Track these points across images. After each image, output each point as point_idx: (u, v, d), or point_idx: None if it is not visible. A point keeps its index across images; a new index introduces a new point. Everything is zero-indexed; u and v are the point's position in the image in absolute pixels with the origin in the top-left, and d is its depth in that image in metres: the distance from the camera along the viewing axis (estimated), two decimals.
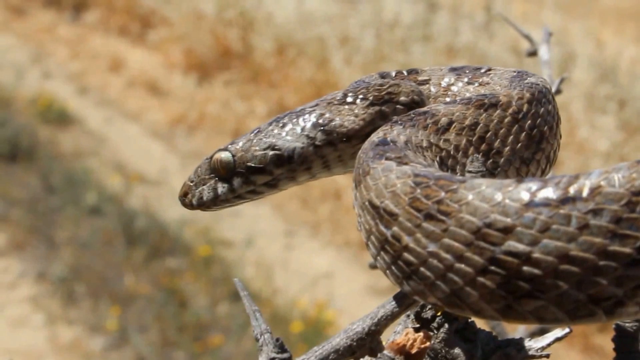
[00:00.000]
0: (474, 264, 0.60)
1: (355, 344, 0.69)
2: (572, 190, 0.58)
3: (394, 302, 0.70)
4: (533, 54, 1.32)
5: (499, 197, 0.59)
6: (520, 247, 0.59)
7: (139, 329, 3.98)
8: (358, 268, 4.55)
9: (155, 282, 4.35)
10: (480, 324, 0.76)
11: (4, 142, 5.72)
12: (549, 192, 0.58)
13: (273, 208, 5.31)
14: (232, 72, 6.58)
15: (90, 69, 7.38)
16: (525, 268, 0.59)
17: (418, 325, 0.73)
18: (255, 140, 0.82)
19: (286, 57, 6.34)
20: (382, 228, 0.65)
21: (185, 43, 6.99)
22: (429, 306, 0.73)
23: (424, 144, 0.73)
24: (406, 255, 0.63)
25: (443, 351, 0.73)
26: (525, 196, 0.59)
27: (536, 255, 0.58)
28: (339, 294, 4.34)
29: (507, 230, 0.59)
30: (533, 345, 0.75)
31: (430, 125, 0.74)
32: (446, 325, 0.73)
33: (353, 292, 4.38)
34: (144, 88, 6.93)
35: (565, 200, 0.58)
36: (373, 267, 1.08)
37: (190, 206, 0.87)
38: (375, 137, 0.73)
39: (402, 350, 0.66)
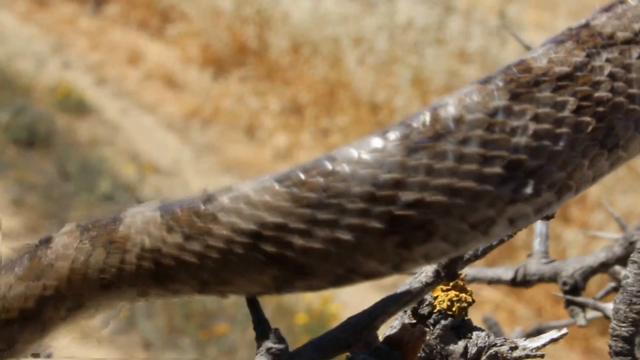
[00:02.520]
0: (378, 221, 0.59)
1: (351, 337, 0.69)
2: (438, 126, 0.59)
3: (391, 299, 0.71)
4: None
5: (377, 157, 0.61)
6: (413, 196, 0.58)
7: (146, 315, 4.07)
8: None
9: None
10: (477, 322, 0.77)
11: (22, 128, 5.85)
12: (421, 140, 0.59)
13: None
14: (248, 69, 6.67)
15: (109, 60, 7.50)
16: (418, 214, 0.59)
17: (414, 321, 0.74)
18: None
19: (301, 56, 6.42)
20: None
21: (203, 38, 7.09)
22: (426, 303, 0.75)
23: None
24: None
25: (438, 347, 0.74)
26: (409, 143, 0.60)
27: (428, 200, 0.58)
28: (344, 288, 4.41)
29: (397, 184, 0.58)
30: (528, 345, 0.74)
31: None
32: (442, 322, 0.74)
33: (357, 287, 4.41)
34: (161, 81, 7.04)
35: (436, 136, 0.59)
36: None
37: None
38: None
39: (397, 344, 0.67)
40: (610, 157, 0.62)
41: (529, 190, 0.60)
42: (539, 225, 1.13)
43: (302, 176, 0.56)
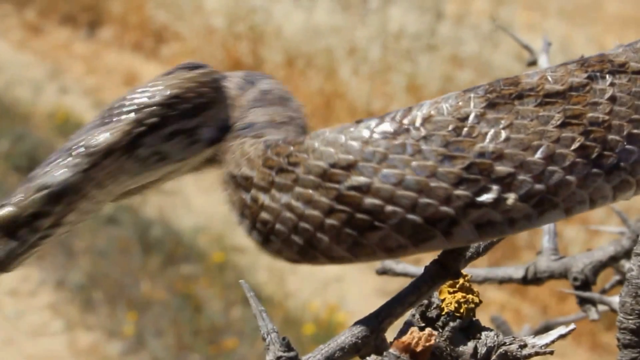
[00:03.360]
0: (322, 206, 0.63)
1: (360, 341, 0.69)
2: (406, 121, 0.63)
3: (398, 301, 0.71)
4: (533, 63, 1.32)
5: (342, 139, 0.64)
6: (362, 179, 0.63)
7: (155, 334, 4.07)
8: (368, 271, 4.62)
9: (170, 288, 4.45)
10: (484, 323, 0.77)
11: (22, 155, 5.87)
12: (386, 126, 0.63)
13: None
14: None
15: (105, 83, 7.54)
16: (366, 200, 0.63)
17: (423, 324, 0.73)
18: (29, 186, 0.80)
19: (295, 69, 6.45)
20: (241, 194, 0.69)
21: (197, 57, 7.12)
22: (434, 306, 0.75)
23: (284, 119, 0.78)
24: (263, 214, 0.67)
25: (448, 349, 0.73)
26: (366, 133, 0.64)
27: (376, 185, 0.62)
28: (350, 296, 4.41)
29: (350, 167, 0.63)
30: (537, 342, 0.74)
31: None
32: (451, 324, 0.73)
33: (363, 295, 4.45)
34: None
35: (400, 131, 0.63)
36: (380, 273, 1.15)
37: None
38: (238, 124, 0.76)
39: (407, 348, 0.66)
40: (610, 179, 0.62)
41: (492, 195, 0.61)
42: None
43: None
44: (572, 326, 0.80)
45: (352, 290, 4.50)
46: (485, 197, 0.61)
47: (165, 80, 0.84)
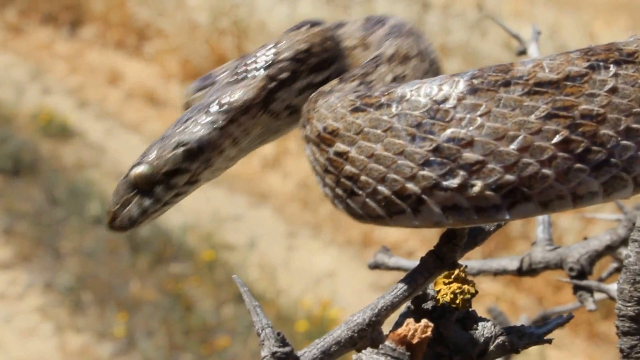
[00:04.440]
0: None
1: (356, 335, 0.69)
2: (384, 98, 0.64)
3: (394, 293, 0.70)
4: (523, 52, 1.32)
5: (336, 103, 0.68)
6: (342, 147, 0.66)
7: (146, 334, 4.04)
8: (360, 266, 4.60)
9: (160, 288, 4.41)
10: (481, 314, 0.77)
11: (7, 157, 5.80)
12: (371, 100, 0.65)
13: (274, 210, 5.37)
14: None
15: (88, 83, 7.46)
16: (347, 167, 0.66)
17: (419, 316, 0.73)
18: (165, 144, 0.82)
19: None
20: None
21: (181, 53, 7.07)
22: (429, 297, 0.75)
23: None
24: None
25: (445, 341, 0.73)
26: (355, 103, 0.66)
27: (352, 154, 0.65)
28: (343, 292, 4.40)
29: (334, 134, 0.67)
30: (535, 332, 0.75)
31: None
32: (447, 315, 0.74)
33: (356, 290, 4.43)
34: (143, 99, 7.01)
35: (378, 105, 0.65)
36: (373, 267, 1.13)
37: (122, 229, 0.85)
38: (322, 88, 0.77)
39: (403, 340, 0.66)
40: (598, 175, 0.60)
41: (457, 180, 0.61)
42: None
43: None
44: (569, 315, 0.78)
45: (345, 285, 4.48)
46: (451, 182, 0.61)
47: (292, 36, 0.86)
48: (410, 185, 0.63)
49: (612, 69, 0.62)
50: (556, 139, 0.60)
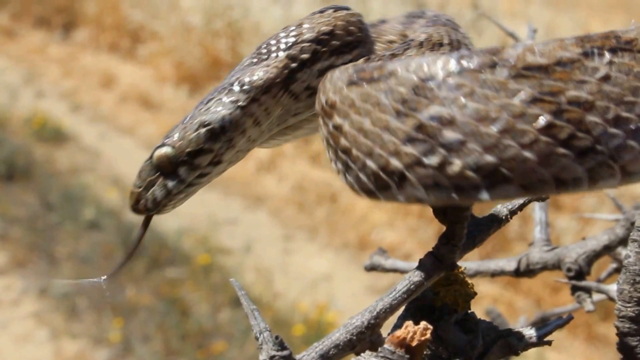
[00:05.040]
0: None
1: (355, 338, 0.68)
2: (375, 73, 0.65)
3: (392, 295, 0.70)
4: None
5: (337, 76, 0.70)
6: (338, 120, 0.68)
7: (142, 340, 4.01)
8: (357, 269, 4.59)
9: (156, 293, 4.39)
10: (480, 314, 0.76)
11: (0, 162, 5.77)
12: (364, 74, 0.66)
13: (270, 214, 5.36)
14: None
15: (82, 86, 7.43)
16: (342, 140, 0.68)
17: (418, 318, 0.72)
18: (187, 126, 0.83)
19: None
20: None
21: (175, 56, 7.05)
22: (429, 298, 0.74)
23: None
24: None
25: (444, 342, 0.73)
26: (352, 76, 0.67)
27: (345, 128, 0.67)
28: (339, 295, 4.38)
29: (333, 107, 0.68)
30: (534, 333, 0.75)
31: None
32: (446, 317, 0.73)
33: (353, 293, 4.42)
34: (136, 102, 6.99)
35: (370, 79, 0.65)
36: (369, 269, 1.12)
37: (146, 211, 0.86)
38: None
39: (402, 343, 0.66)
40: (583, 162, 0.60)
41: (436, 158, 0.61)
42: (538, 213, 1.11)
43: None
44: (569, 316, 0.78)
45: (342, 288, 4.47)
46: (431, 159, 0.62)
47: (314, 19, 0.87)
48: (394, 161, 0.64)
49: (607, 56, 0.61)
50: (539, 123, 0.60)
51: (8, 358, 3.88)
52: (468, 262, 1.08)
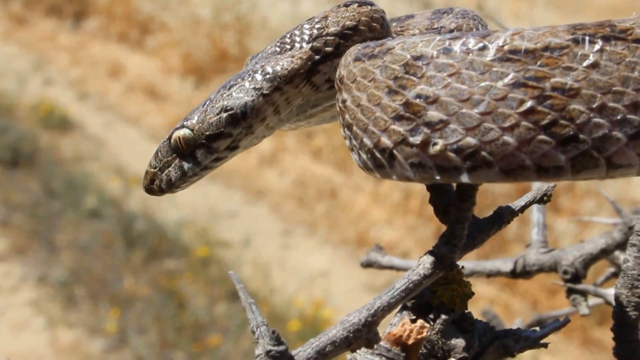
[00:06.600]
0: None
1: (351, 335, 0.68)
2: (377, 49, 0.66)
3: (391, 293, 0.70)
4: None
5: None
6: (344, 95, 0.69)
7: (138, 331, 4.01)
8: (354, 266, 4.58)
9: (154, 284, 4.39)
10: (476, 315, 0.76)
11: (5, 148, 5.78)
12: (367, 50, 0.68)
13: (270, 208, 5.35)
14: (229, 75, 6.63)
15: (90, 75, 7.44)
16: (346, 115, 0.69)
17: (415, 317, 0.73)
18: (208, 109, 0.84)
19: None
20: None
21: (183, 48, 7.05)
22: (425, 298, 0.74)
23: None
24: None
25: (440, 342, 0.72)
26: (359, 52, 0.69)
27: (348, 103, 0.68)
28: (336, 292, 4.37)
29: (342, 81, 0.70)
30: (530, 335, 0.74)
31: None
32: (443, 317, 0.73)
33: (350, 290, 4.40)
34: (143, 93, 6.99)
35: (371, 55, 0.66)
36: (365, 265, 1.10)
37: (160, 191, 0.87)
38: None
39: (398, 341, 0.65)
40: (566, 150, 0.59)
41: (420, 137, 0.62)
42: (535, 215, 1.09)
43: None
44: (565, 318, 0.77)
45: (338, 285, 4.45)
46: (415, 138, 0.63)
47: (340, 12, 0.88)
48: (384, 139, 0.65)
49: (599, 44, 0.60)
50: (522, 108, 0.59)
51: (4, 344, 3.88)
52: (464, 262, 1.06)
